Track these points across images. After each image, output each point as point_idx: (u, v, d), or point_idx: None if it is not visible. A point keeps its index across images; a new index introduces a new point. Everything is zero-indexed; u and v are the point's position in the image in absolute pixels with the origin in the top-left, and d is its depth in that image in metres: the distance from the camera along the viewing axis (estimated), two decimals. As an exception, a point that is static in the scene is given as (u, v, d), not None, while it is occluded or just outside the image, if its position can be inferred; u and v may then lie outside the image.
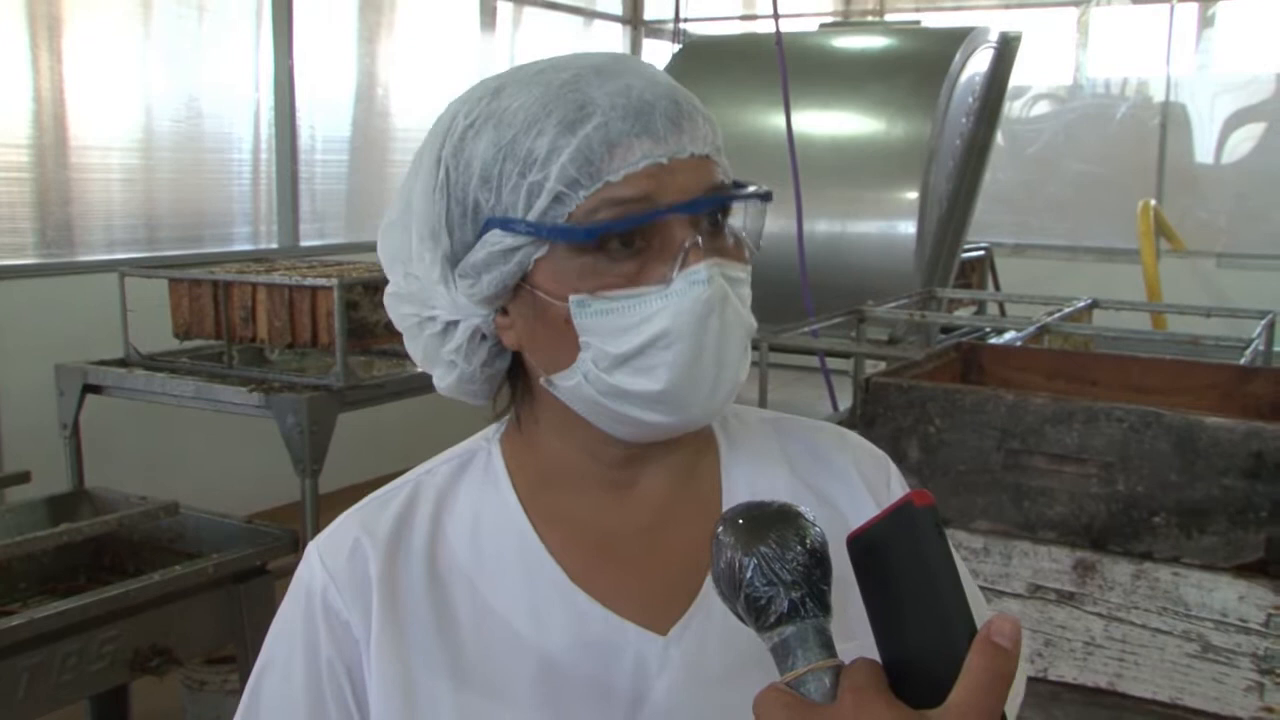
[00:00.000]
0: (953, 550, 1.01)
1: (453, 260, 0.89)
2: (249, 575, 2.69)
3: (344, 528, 0.95)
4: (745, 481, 0.97)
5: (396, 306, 0.94)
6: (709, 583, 0.89)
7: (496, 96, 0.88)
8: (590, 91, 0.84)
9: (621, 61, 0.88)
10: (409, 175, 0.92)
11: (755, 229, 0.90)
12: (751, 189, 0.89)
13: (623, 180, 0.82)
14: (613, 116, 0.83)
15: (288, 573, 0.95)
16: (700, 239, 0.83)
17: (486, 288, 0.87)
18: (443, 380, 0.95)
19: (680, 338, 0.82)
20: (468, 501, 0.95)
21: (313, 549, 0.94)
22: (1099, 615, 2.08)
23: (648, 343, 0.83)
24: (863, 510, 0.95)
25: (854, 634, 0.72)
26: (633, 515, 0.94)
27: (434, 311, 0.91)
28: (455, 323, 0.91)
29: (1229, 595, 1.97)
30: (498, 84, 0.89)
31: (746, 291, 0.88)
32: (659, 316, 0.82)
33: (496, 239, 0.85)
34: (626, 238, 0.83)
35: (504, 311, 0.90)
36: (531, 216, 0.83)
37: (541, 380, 0.89)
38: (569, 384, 0.86)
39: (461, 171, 0.87)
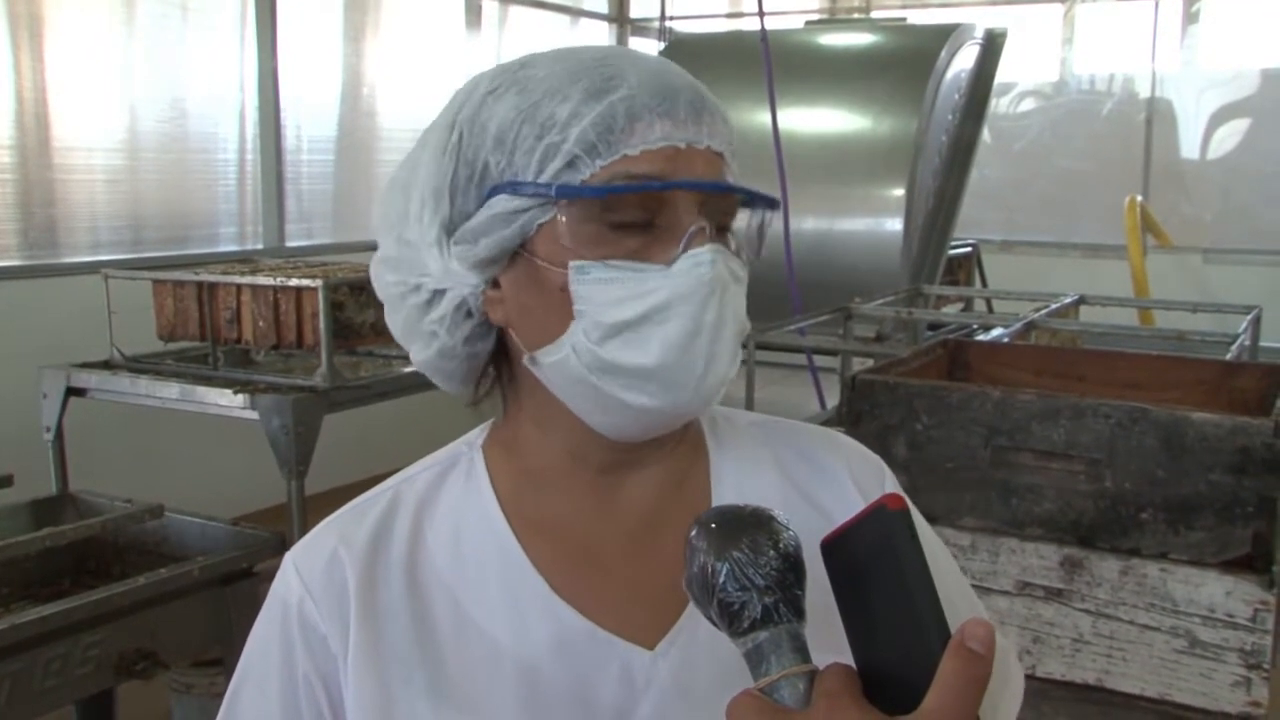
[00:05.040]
0: (945, 548, 1.00)
1: (450, 228, 0.88)
2: (235, 578, 2.67)
3: (321, 538, 0.92)
4: (735, 487, 0.95)
5: (382, 274, 0.93)
6: None
7: (524, 67, 0.88)
8: (620, 65, 0.85)
9: (652, 56, 0.90)
10: (419, 142, 0.91)
11: (756, 238, 0.90)
12: (763, 193, 0.89)
13: (640, 155, 0.82)
14: (639, 91, 0.83)
15: (274, 575, 0.94)
16: (706, 227, 0.83)
17: (483, 250, 0.85)
18: (421, 354, 0.93)
19: (677, 314, 0.81)
20: (449, 510, 0.93)
21: (289, 560, 0.92)
22: (1087, 612, 2.08)
23: (643, 315, 0.81)
24: None
25: (826, 642, 0.71)
26: (619, 523, 0.92)
27: (421, 279, 0.89)
28: (441, 292, 0.89)
29: (1216, 591, 1.97)
30: (527, 58, 0.89)
31: (743, 291, 0.87)
32: (659, 291, 0.81)
33: (501, 203, 0.85)
34: (633, 214, 0.83)
35: (494, 285, 0.88)
36: (543, 179, 0.83)
37: (525, 359, 0.87)
38: (555, 359, 0.84)
39: (476, 134, 0.86)
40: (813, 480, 0.97)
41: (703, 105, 0.86)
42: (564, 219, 0.83)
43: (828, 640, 0.71)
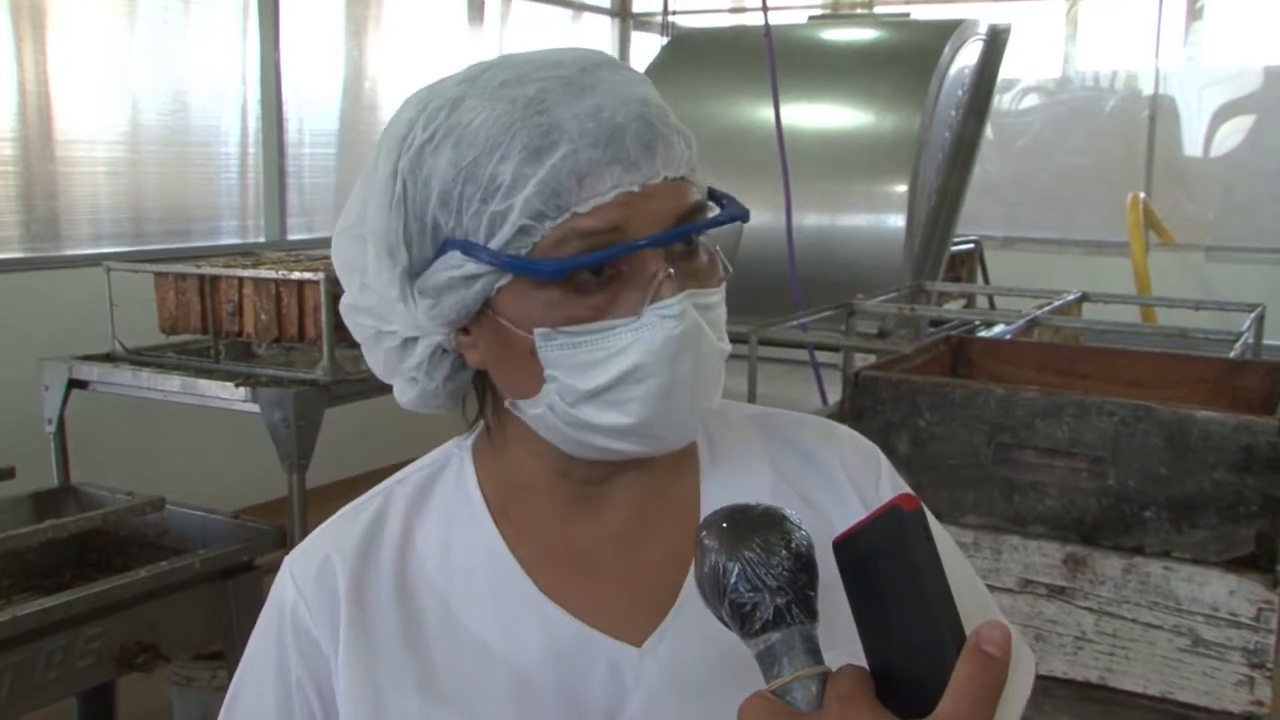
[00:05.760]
0: (957, 548, 0.99)
1: (411, 275, 0.86)
2: (236, 571, 2.67)
3: (315, 543, 0.94)
4: (724, 485, 0.94)
5: (353, 317, 0.92)
6: (685, 591, 0.88)
7: (456, 109, 0.83)
8: (558, 113, 0.79)
9: (591, 73, 0.82)
10: (363, 182, 0.88)
11: (729, 246, 0.87)
12: (727, 212, 0.85)
13: (591, 211, 0.78)
14: (581, 144, 0.78)
15: (275, 568, 0.95)
16: (672, 269, 0.80)
17: (448, 311, 0.84)
18: (404, 395, 0.92)
19: (652, 373, 0.80)
20: (438, 512, 0.94)
21: (286, 565, 0.93)
22: (1090, 610, 2.08)
23: (617, 379, 0.80)
24: (849, 512, 0.92)
25: (836, 642, 0.71)
26: (606, 523, 0.92)
27: (392, 326, 0.88)
28: (415, 339, 0.88)
29: (1219, 589, 1.97)
30: (457, 93, 0.84)
31: (720, 314, 0.85)
32: (629, 351, 0.79)
33: (458, 262, 0.82)
34: (596, 268, 0.80)
35: (466, 331, 0.87)
36: (494, 245, 0.80)
37: (507, 403, 0.88)
38: (535, 412, 0.84)
39: (420, 188, 0.83)
40: (806, 475, 0.97)
41: (652, 135, 0.80)
42: (522, 285, 0.81)
43: (835, 640, 0.71)
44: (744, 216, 0.86)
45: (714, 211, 0.86)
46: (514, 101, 0.80)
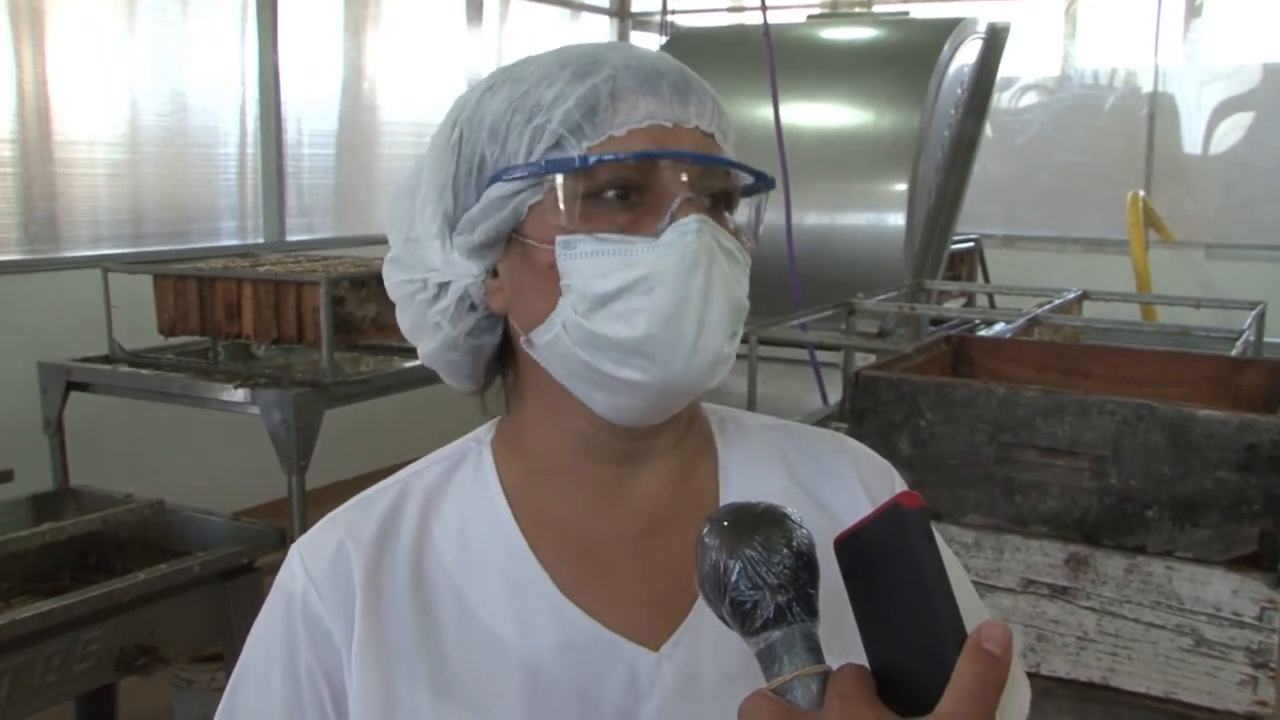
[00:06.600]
0: (946, 548, 0.99)
1: (452, 222, 0.90)
2: (236, 573, 2.67)
3: (328, 530, 0.92)
4: (742, 486, 0.94)
5: (393, 273, 0.94)
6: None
7: (521, 64, 0.90)
8: (608, 54, 0.87)
9: (649, 49, 0.92)
10: (430, 143, 0.93)
11: (754, 220, 0.91)
12: (755, 169, 0.89)
13: (626, 136, 0.83)
14: (622, 72, 0.85)
15: (275, 570, 0.94)
16: (693, 197, 0.83)
17: (479, 236, 0.87)
18: (426, 347, 0.94)
19: (662, 285, 0.81)
20: (456, 505, 0.93)
21: (295, 552, 0.92)
22: (1092, 610, 2.07)
23: (628, 286, 0.81)
24: (861, 515, 0.92)
25: (845, 646, 0.70)
26: (625, 521, 0.91)
27: (427, 274, 0.91)
28: (446, 286, 0.90)
29: (1222, 589, 1.96)
30: (528, 57, 0.91)
31: (739, 268, 0.86)
32: (643, 263, 0.82)
33: (496, 190, 0.86)
34: (622, 190, 0.83)
35: (494, 275, 0.89)
36: (532, 160, 0.85)
37: (521, 341, 0.88)
38: (548, 338, 0.85)
39: (474, 130, 0.88)
40: (820, 481, 0.97)
41: (688, 86, 0.87)
42: (552, 197, 0.84)
43: (836, 640, 0.70)
44: (769, 183, 0.90)
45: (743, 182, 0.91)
46: (573, 51, 0.89)
